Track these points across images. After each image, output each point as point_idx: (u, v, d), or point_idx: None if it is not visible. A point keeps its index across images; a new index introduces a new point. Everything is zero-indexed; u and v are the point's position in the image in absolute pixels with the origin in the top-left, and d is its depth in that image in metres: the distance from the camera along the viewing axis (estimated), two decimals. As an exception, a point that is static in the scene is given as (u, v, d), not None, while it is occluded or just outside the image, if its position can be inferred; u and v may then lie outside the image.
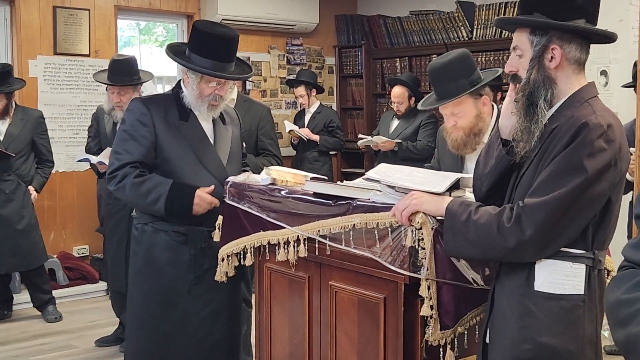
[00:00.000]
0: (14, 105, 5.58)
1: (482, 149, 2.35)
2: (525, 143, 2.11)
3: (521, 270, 2.13)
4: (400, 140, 6.28)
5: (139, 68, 4.96)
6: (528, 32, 2.15)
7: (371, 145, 6.48)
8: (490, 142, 2.31)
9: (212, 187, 3.22)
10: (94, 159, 4.80)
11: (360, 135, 6.76)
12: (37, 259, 5.61)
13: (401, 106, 6.44)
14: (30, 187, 5.58)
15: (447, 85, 3.01)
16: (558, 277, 2.08)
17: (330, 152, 7.28)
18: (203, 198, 3.20)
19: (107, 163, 4.75)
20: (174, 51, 3.30)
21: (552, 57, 2.12)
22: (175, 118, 3.28)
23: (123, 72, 4.76)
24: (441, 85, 3.04)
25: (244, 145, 3.70)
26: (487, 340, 2.23)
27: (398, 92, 6.44)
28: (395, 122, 6.55)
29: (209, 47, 3.18)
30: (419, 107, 3.26)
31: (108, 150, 4.89)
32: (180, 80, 3.37)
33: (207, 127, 3.36)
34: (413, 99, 6.46)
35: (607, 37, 2.16)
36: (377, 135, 6.42)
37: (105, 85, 4.83)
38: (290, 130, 6.98)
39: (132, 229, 3.50)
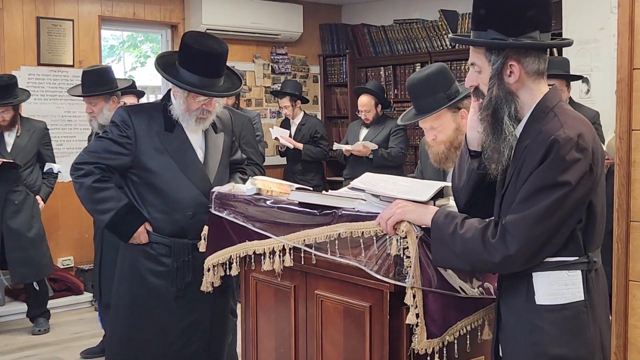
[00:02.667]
0: (18, 116, 5.60)
1: (455, 161, 2.37)
2: (497, 164, 2.13)
3: (521, 286, 2.14)
4: (376, 146, 6.32)
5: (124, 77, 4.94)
6: (484, 50, 2.15)
7: (343, 151, 6.49)
8: (460, 154, 2.33)
9: (149, 229, 3.30)
10: (56, 168, 4.79)
11: (335, 144, 6.78)
12: (47, 268, 5.64)
13: (369, 114, 6.48)
14: (38, 197, 5.62)
15: (426, 100, 3.02)
16: (557, 287, 2.09)
17: (321, 162, 7.28)
18: (141, 235, 3.27)
19: (63, 172, 4.76)
20: (164, 63, 3.26)
21: (510, 73, 2.12)
22: (160, 128, 3.27)
23: (94, 83, 4.73)
24: (419, 100, 3.06)
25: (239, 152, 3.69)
26: (501, 354, 2.24)
27: (365, 101, 6.47)
28: (364, 131, 6.58)
29: (197, 63, 3.15)
30: (399, 122, 3.27)
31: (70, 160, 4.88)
32: (170, 90, 3.35)
33: (197, 138, 3.34)
34: (380, 106, 6.51)
35: (564, 45, 2.19)
36: (356, 143, 6.44)
37: None
38: (276, 138, 6.98)
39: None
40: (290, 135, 7.05)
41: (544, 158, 2.02)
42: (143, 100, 5.83)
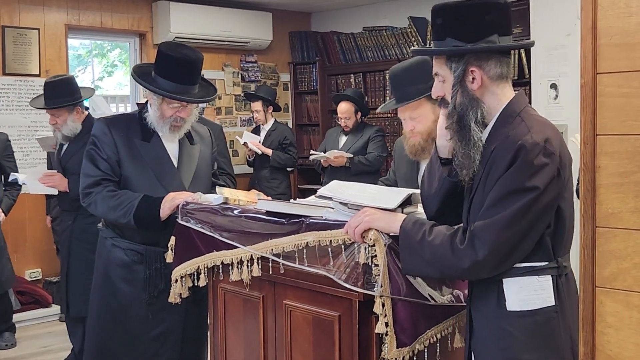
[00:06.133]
0: None
1: (425, 169, 2.36)
2: (468, 169, 2.12)
3: (491, 292, 2.13)
4: (352, 155, 6.32)
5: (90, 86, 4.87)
6: (445, 59, 2.16)
7: (321, 161, 6.49)
8: (431, 161, 2.32)
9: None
10: (21, 178, 4.71)
11: (312, 152, 6.76)
12: (7, 282, 5.47)
13: (348, 121, 6.47)
14: None
15: (406, 89, 3.02)
16: (527, 293, 2.09)
17: (287, 169, 7.26)
18: (171, 202, 3.14)
19: (27, 184, 4.68)
20: (141, 72, 3.33)
21: (473, 79, 2.12)
22: (137, 138, 3.30)
23: (56, 94, 4.65)
24: (400, 89, 3.06)
25: (215, 164, 3.68)
26: None
27: (345, 108, 6.47)
28: (344, 138, 6.58)
29: (172, 70, 3.21)
30: (379, 110, 3.30)
31: (34, 170, 4.80)
32: (147, 101, 3.38)
33: (172, 147, 3.37)
34: (359, 113, 6.52)
35: (523, 46, 2.19)
36: (330, 151, 6.43)
37: None
38: (244, 143, 6.95)
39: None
40: (259, 141, 7.02)
41: (512, 163, 2.02)
42: (99, 114, 5.68)
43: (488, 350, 2.15)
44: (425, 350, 2.33)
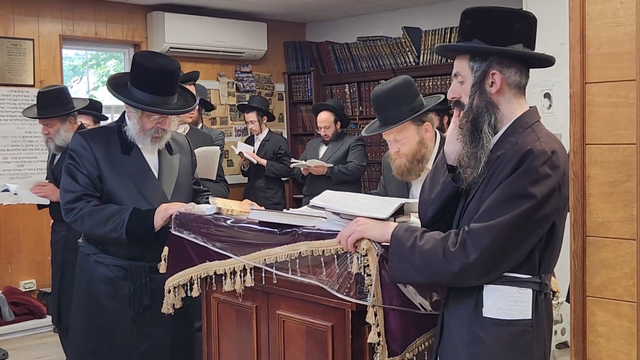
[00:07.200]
0: None
1: (427, 175, 2.36)
2: (472, 169, 2.12)
3: (469, 296, 2.13)
4: (331, 165, 6.37)
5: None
6: (468, 59, 2.17)
7: (301, 170, 6.52)
8: (435, 167, 2.32)
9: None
10: (13, 188, 4.70)
11: (293, 160, 6.78)
12: None
13: (328, 131, 6.55)
14: None
15: (390, 112, 3.03)
16: (506, 302, 2.08)
17: (282, 179, 7.27)
18: (163, 212, 3.11)
19: (19, 193, 4.67)
20: (116, 84, 3.25)
21: (492, 82, 2.14)
22: (117, 151, 3.24)
23: (49, 104, 4.65)
24: (384, 112, 3.06)
25: (196, 173, 3.66)
26: None
27: (324, 117, 6.55)
28: (324, 148, 6.65)
29: (149, 81, 3.14)
30: (363, 133, 3.28)
31: (27, 180, 4.79)
32: (124, 112, 3.32)
33: (152, 159, 3.32)
34: (339, 123, 6.60)
35: (546, 61, 2.20)
36: (310, 160, 6.46)
37: None
38: (240, 153, 6.96)
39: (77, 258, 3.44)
40: (253, 151, 7.04)
41: (517, 167, 2.02)
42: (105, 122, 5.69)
43: (457, 355, 2.14)
44: (414, 358, 2.33)
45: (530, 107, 2.20)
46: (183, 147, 3.51)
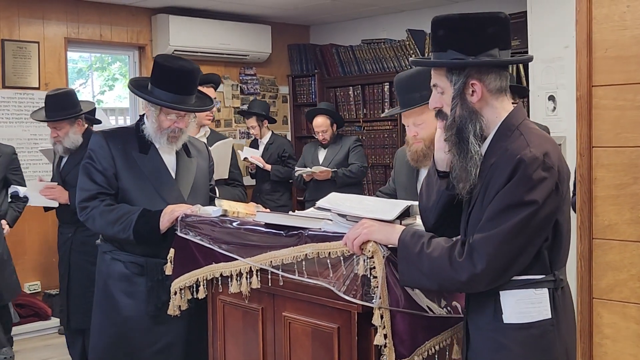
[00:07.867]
0: None
1: (423, 181, 2.37)
2: (465, 182, 2.13)
3: (488, 305, 2.14)
4: (335, 169, 6.40)
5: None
6: (445, 72, 2.16)
7: (304, 176, 6.54)
8: (428, 175, 2.33)
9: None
10: (22, 191, 4.71)
11: (297, 168, 6.79)
12: (12, 292, 5.46)
13: (326, 134, 6.58)
14: (3, 222, 5.45)
15: (411, 95, 3.04)
16: (524, 305, 2.09)
17: (289, 182, 7.27)
18: (170, 214, 3.14)
19: (28, 196, 4.69)
20: (136, 84, 3.36)
21: (473, 92, 2.13)
22: (135, 151, 3.31)
23: (57, 107, 4.68)
24: (405, 95, 3.08)
25: (213, 180, 3.69)
26: None
27: (321, 122, 6.58)
28: (323, 151, 6.67)
29: (169, 81, 3.24)
30: (383, 115, 3.31)
31: (36, 183, 4.81)
32: (144, 114, 3.40)
33: (169, 159, 3.38)
34: (335, 125, 6.63)
35: (523, 61, 2.20)
36: (316, 166, 6.49)
37: None
38: (245, 158, 6.97)
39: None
40: (259, 155, 7.04)
41: (511, 177, 2.02)
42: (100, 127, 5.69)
43: None
44: (425, 361, 2.33)
45: (513, 104, 2.19)
46: (202, 152, 3.58)
